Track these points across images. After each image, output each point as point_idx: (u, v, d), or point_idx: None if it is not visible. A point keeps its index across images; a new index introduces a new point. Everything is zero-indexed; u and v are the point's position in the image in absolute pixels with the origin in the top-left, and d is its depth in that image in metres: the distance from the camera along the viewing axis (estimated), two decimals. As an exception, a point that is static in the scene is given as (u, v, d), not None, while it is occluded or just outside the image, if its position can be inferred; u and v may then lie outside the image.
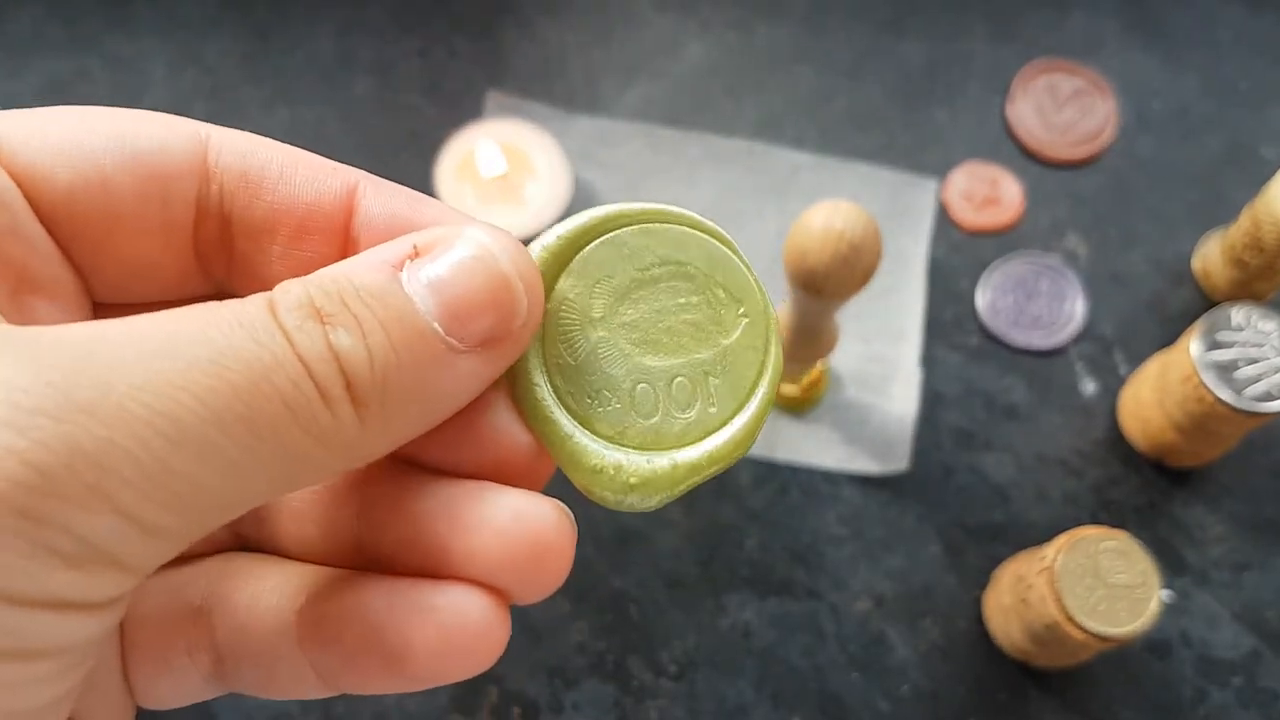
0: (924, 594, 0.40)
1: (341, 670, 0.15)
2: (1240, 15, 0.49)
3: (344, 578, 0.15)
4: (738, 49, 0.48)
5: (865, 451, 0.42)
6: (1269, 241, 0.39)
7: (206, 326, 0.12)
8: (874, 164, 0.46)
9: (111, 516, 0.11)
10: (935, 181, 0.45)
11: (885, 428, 0.42)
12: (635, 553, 0.41)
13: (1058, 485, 0.42)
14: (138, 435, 0.11)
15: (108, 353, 0.12)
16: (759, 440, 0.41)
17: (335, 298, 0.13)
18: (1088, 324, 0.44)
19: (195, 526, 0.12)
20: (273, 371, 0.12)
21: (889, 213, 0.45)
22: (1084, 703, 0.39)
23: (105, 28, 0.48)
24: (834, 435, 0.42)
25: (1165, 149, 0.46)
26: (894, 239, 0.44)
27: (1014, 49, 0.48)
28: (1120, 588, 0.33)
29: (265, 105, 0.46)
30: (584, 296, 0.15)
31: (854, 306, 0.43)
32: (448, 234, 0.14)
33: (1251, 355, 0.37)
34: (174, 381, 0.12)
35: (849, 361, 0.43)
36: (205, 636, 0.16)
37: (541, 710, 0.39)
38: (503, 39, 0.48)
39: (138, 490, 0.11)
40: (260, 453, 0.12)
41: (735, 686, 0.39)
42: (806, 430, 0.42)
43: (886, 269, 0.44)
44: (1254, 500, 0.42)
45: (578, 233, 0.15)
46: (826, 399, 0.42)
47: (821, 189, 0.45)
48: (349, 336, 0.13)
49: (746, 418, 0.15)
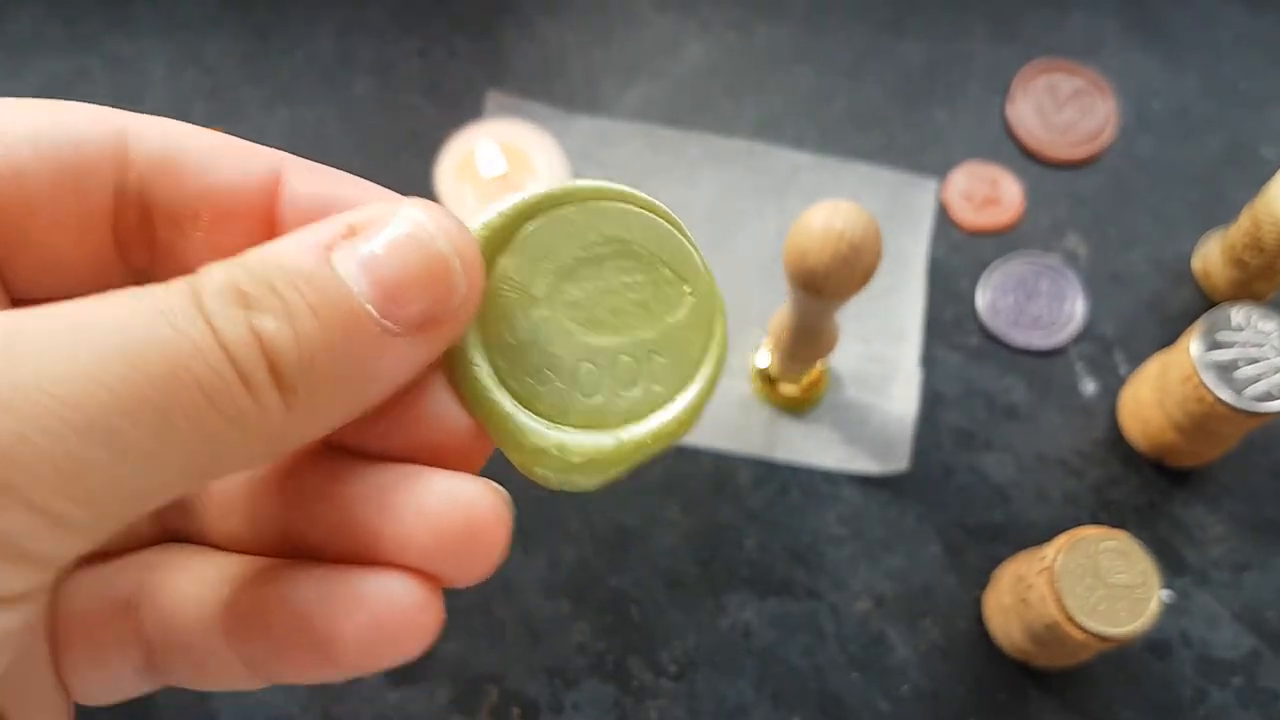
0: (924, 594, 0.40)
1: (270, 661, 0.14)
2: (1240, 15, 0.49)
3: (272, 567, 0.15)
4: (738, 49, 0.48)
5: (865, 451, 0.42)
6: (1269, 241, 0.39)
7: (125, 314, 0.12)
8: (874, 164, 0.46)
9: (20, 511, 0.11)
10: (935, 181, 0.46)
11: (885, 428, 0.42)
12: (635, 553, 0.41)
13: (1058, 485, 0.42)
14: (47, 428, 0.11)
15: (22, 344, 0.11)
16: (758, 440, 0.41)
17: (261, 280, 0.12)
18: (1088, 324, 0.44)
19: (110, 519, 0.12)
20: (191, 358, 0.12)
21: (889, 213, 0.45)
22: (1084, 703, 0.39)
23: (105, 28, 0.48)
24: (834, 435, 0.42)
25: (1165, 149, 0.47)
26: (894, 239, 0.44)
27: (1014, 49, 0.48)
28: (1120, 588, 0.33)
29: (265, 105, 0.46)
30: (526, 275, 0.14)
31: (854, 306, 0.43)
32: (383, 212, 0.13)
33: (1251, 355, 0.37)
34: (86, 372, 0.11)
35: (849, 361, 0.43)
36: (134, 630, 0.15)
37: (541, 710, 0.39)
38: (503, 39, 0.48)
39: (47, 484, 0.11)
40: (175, 442, 0.12)
41: (735, 686, 0.39)
42: (806, 430, 0.42)
43: (886, 269, 0.44)
44: (1254, 500, 0.42)
45: (520, 210, 0.14)
46: (826, 399, 0.42)
47: (821, 189, 0.45)
48: (274, 320, 0.12)
49: (692, 395, 0.15)
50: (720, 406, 0.42)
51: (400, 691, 0.39)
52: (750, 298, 0.43)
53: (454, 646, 0.39)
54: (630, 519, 0.41)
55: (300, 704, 0.38)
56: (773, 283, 0.44)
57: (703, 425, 0.41)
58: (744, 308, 0.43)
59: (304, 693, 0.38)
